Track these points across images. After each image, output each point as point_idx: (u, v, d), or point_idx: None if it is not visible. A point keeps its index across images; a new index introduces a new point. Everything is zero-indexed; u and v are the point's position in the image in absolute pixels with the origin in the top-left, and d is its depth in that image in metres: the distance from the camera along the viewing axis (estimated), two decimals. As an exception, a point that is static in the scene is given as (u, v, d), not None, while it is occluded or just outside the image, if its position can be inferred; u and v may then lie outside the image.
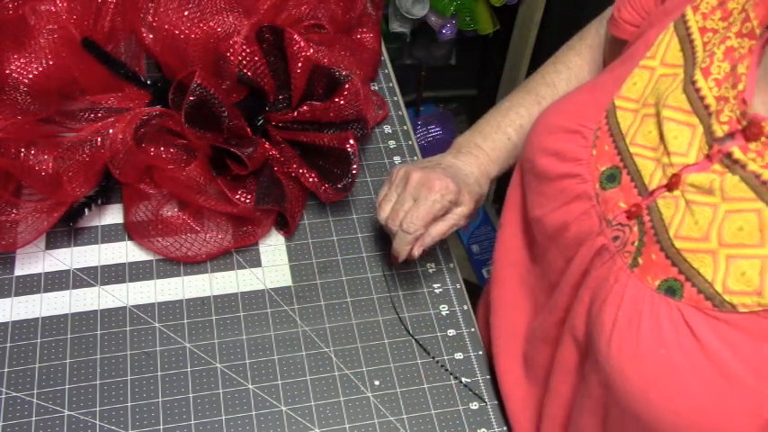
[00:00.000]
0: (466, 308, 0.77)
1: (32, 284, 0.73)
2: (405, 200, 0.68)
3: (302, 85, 0.77)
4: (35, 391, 0.66)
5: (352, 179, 0.76)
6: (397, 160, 0.88)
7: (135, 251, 0.76)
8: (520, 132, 0.74)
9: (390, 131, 0.91)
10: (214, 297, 0.74)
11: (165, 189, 0.76)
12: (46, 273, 0.74)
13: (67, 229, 0.77)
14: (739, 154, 0.50)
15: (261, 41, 0.77)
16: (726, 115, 0.51)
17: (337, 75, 0.75)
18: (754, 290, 0.46)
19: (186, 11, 0.77)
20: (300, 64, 0.76)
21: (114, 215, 0.79)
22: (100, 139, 0.74)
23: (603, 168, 0.58)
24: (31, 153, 0.71)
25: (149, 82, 0.83)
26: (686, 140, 0.53)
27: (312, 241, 0.80)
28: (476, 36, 1.69)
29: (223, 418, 0.67)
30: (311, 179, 0.78)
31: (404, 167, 0.71)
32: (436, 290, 0.78)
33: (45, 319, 0.71)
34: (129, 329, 0.71)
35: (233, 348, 0.71)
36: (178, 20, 0.77)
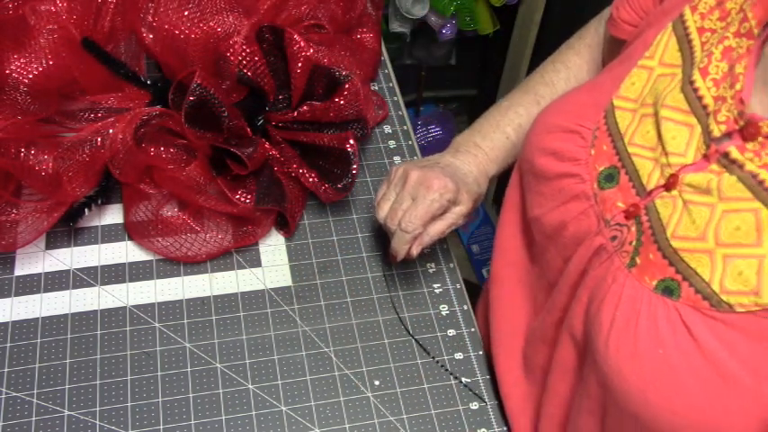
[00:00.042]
0: (466, 308, 0.77)
1: (32, 284, 0.73)
2: (403, 199, 0.68)
3: (302, 85, 0.77)
4: (35, 391, 0.66)
5: (352, 179, 0.76)
6: (397, 160, 0.88)
7: (135, 251, 0.76)
8: (519, 131, 0.74)
9: (390, 131, 0.91)
10: (214, 297, 0.74)
11: (165, 189, 0.77)
12: (46, 273, 0.74)
13: (67, 229, 0.77)
14: (737, 154, 0.50)
15: (261, 41, 0.77)
16: (723, 115, 0.51)
17: (337, 75, 0.75)
18: (751, 289, 0.46)
19: (186, 11, 0.77)
20: (300, 64, 0.76)
21: (114, 215, 0.79)
22: (100, 139, 0.74)
23: (602, 168, 0.58)
24: (31, 153, 0.71)
25: (149, 82, 0.83)
26: (684, 140, 0.53)
27: (312, 241, 0.80)
28: (476, 36, 1.69)
29: (223, 418, 0.67)
30: (311, 179, 0.78)
31: (402, 166, 0.71)
32: (436, 290, 0.78)
33: (45, 319, 0.71)
34: (129, 329, 0.71)
35: (233, 348, 0.71)
36: (178, 20, 0.77)
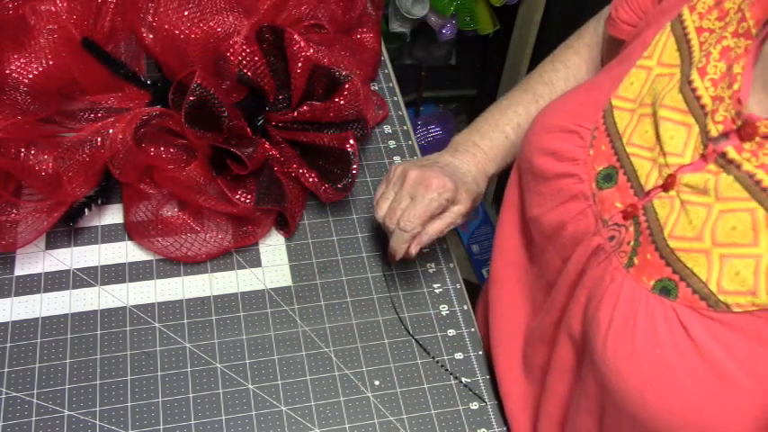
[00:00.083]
0: (466, 308, 0.77)
1: (32, 284, 0.73)
2: (402, 198, 0.68)
3: (302, 85, 0.77)
4: (35, 391, 0.66)
5: (352, 179, 0.76)
6: (397, 160, 0.88)
7: (135, 251, 0.76)
8: (518, 131, 0.74)
9: (390, 131, 0.91)
10: (214, 297, 0.74)
11: (165, 189, 0.76)
12: (46, 273, 0.74)
13: (67, 229, 0.77)
14: (734, 154, 0.50)
15: (261, 41, 0.77)
16: (721, 115, 0.51)
17: (337, 75, 0.75)
18: (748, 290, 0.46)
19: (186, 11, 0.77)
20: (300, 64, 0.76)
21: (114, 215, 0.79)
22: (100, 139, 0.74)
23: (600, 168, 0.58)
24: (31, 153, 0.71)
25: (149, 82, 0.83)
26: (682, 140, 0.53)
27: (312, 241, 0.80)
28: (476, 36, 1.69)
29: (223, 418, 0.67)
30: (311, 179, 0.78)
31: (401, 166, 0.71)
32: (436, 290, 0.78)
33: (45, 319, 0.71)
34: (129, 329, 0.71)
35: (233, 348, 0.71)
36: (178, 20, 0.77)
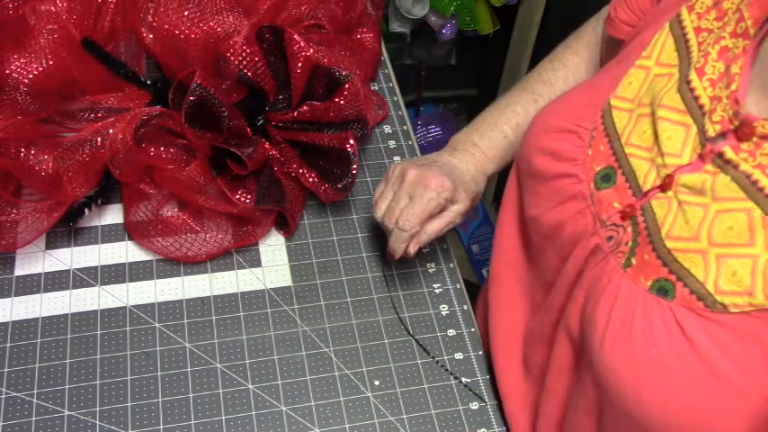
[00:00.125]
0: (466, 308, 0.77)
1: (32, 284, 0.73)
2: (400, 197, 0.69)
3: (302, 85, 0.77)
4: (35, 391, 0.66)
5: (352, 179, 0.76)
6: (397, 160, 0.88)
7: (135, 251, 0.76)
8: (516, 130, 0.74)
9: (390, 131, 0.91)
10: (214, 297, 0.74)
11: (165, 189, 0.76)
12: (46, 273, 0.74)
13: (67, 229, 0.77)
14: (731, 154, 0.50)
15: (261, 41, 0.77)
16: (718, 115, 0.51)
17: (337, 75, 0.75)
18: (745, 290, 0.46)
19: (186, 11, 0.77)
20: (300, 64, 0.76)
21: (114, 215, 0.79)
22: (100, 139, 0.74)
23: (598, 168, 0.58)
24: (31, 153, 0.71)
25: (149, 82, 0.83)
26: (680, 141, 0.53)
27: (312, 241, 0.80)
28: (476, 36, 1.69)
29: (223, 418, 0.67)
30: (311, 179, 0.78)
31: (400, 165, 0.71)
32: (436, 290, 0.78)
33: (45, 319, 0.71)
34: (129, 329, 0.71)
35: (233, 348, 0.71)
36: (178, 20, 0.77)
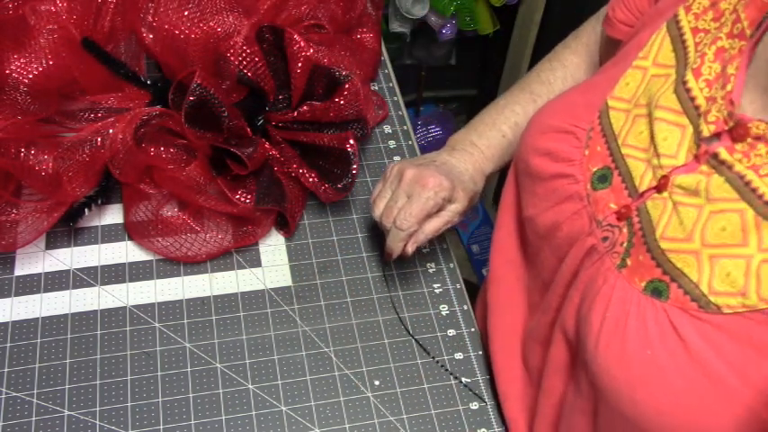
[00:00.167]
0: (466, 308, 0.77)
1: (32, 284, 0.73)
2: (398, 197, 0.69)
3: (302, 85, 0.77)
4: (35, 391, 0.66)
5: (352, 179, 0.76)
6: (397, 160, 0.88)
7: (135, 251, 0.76)
8: (515, 130, 0.74)
9: (390, 131, 0.91)
10: (214, 297, 0.74)
11: (165, 189, 0.76)
12: (46, 273, 0.74)
13: (67, 229, 0.77)
14: (725, 155, 0.50)
15: (261, 41, 0.77)
16: (713, 115, 0.51)
17: (337, 75, 0.75)
18: (738, 290, 0.47)
19: (186, 11, 0.77)
20: (300, 64, 0.76)
21: (114, 215, 0.79)
22: (100, 139, 0.74)
23: (595, 169, 0.58)
24: (31, 153, 0.71)
25: (149, 82, 0.83)
26: (676, 141, 0.53)
27: (312, 241, 0.80)
28: (476, 36, 1.69)
29: (223, 418, 0.67)
30: (311, 179, 0.78)
31: (398, 164, 0.71)
32: (436, 290, 0.78)
33: (45, 319, 0.71)
34: (129, 329, 0.71)
35: (233, 348, 0.71)
36: (178, 20, 0.77)
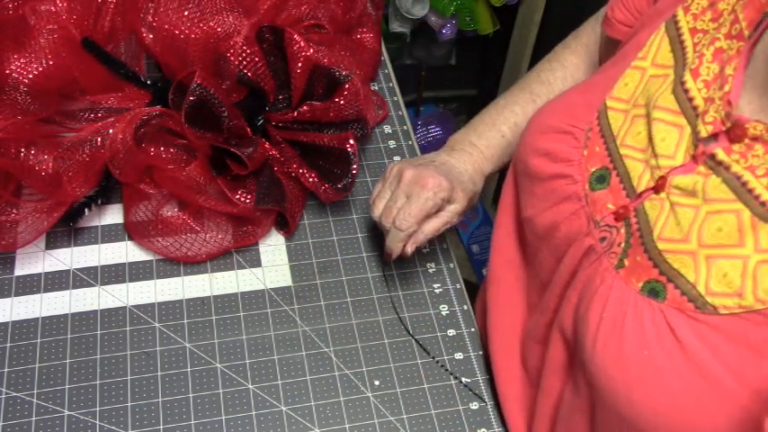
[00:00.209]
0: (466, 308, 0.77)
1: (32, 284, 0.73)
2: (398, 197, 0.69)
3: (302, 85, 0.77)
4: (35, 391, 0.66)
5: (352, 179, 0.76)
6: (397, 160, 0.88)
7: (135, 251, 0.76)
8: (514, 130, 0.75)
9: (390, 131, 0.91)
10: (214, 297, 0.74)
11: (165, 189, 0.76)
12: (46, 273, 0.74)
13: (67, 229, 0.77)
14: (723, 155, 0.50)
15: (261, 41, 0.77)
16: (711, 116, 0.51)
17: (337, 75, 0.75)
18: (735, 291, 0.47)
19: (186, 11, 0.77)
20: (300, 64, 0.76)
21: (114, 215, 0.79)
22: (100, 139, 0.74)
23: (593, 169, 0.58)
24: (31, 153, 0.71)
25: (149, 82, 0.83)
26: (673, 142, 0.53)
27: (312, 241, 0.80)
28: (476, 36, 1.69)
29: (223, 418, 0.67)
30: (311, 179, 0.78)
31: (397, 165, 0.71)
32: (436, 290, 0.78)
33: (45, 319, 0.71)
34: (129, 329, 0.71)
35: (233, 348, 0.71)
36: (178, 20, 0.77)
